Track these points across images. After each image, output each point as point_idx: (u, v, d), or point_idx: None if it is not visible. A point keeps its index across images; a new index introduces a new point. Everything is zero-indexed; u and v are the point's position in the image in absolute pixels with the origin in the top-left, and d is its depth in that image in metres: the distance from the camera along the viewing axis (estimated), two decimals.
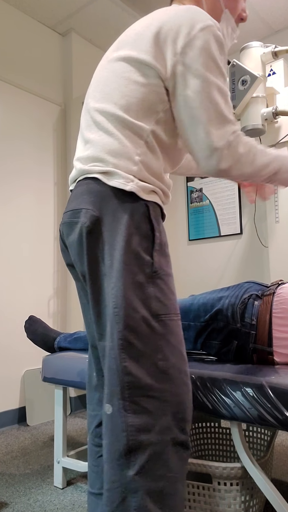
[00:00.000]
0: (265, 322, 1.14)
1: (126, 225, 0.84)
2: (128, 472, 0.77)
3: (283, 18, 2.73)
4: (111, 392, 0.81)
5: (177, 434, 0.82)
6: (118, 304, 0.81)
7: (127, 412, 0.79)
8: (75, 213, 0.90)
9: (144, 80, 0.88)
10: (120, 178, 0.86)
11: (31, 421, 2.35)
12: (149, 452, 0.78)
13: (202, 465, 1.08)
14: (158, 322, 0.83)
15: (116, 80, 0.91)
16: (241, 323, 1.16)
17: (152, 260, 0.85)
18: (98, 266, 0.86)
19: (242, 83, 2.07)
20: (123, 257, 0.82)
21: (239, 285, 1.28)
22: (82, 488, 1.52)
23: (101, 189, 0.88)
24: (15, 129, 2.53)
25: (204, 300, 1.26)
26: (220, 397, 1.01)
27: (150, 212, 0.87)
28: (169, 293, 0.87)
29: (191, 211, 3.16)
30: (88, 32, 2.86)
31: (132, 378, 0.79)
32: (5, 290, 2.38)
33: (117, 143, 0.88)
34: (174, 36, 0.86)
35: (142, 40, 0.88)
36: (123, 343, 0.80)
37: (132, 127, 0.88)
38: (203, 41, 0.84)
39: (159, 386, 0.81)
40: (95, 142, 0.91)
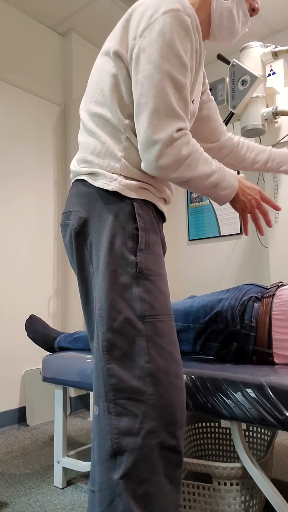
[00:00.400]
0: (264, 324, 1.14)
1: (111, 225, 0.83)
2: (114, 475, 0.76)
3: (283, 18, 2.73)
4: (97, 393, 0.80)
5: (166, 438, 0.79)
6: (102, 306, 0.81)
7: (111, 414, 0.78)
8: (67, 215, 0.92)
9: (115, 70, 0.85)
10: (104, 178, 0.86)
11: (31, 421, 2.35)
12: (134, 456, 0.76)
13: (202, 465, 1.08)
14: (144, 324, 0.81)
15: (95, 77, 0.91)
16: (241, 325, 1.16)
17: (136, 260, 0.83)
18: (87, 268, 0.87)
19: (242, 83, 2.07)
20: (106, 258, 0.82)
21: (239, 287, 1.28)
22: (82, 488, 1.52)
23: (88, 190, 0.88)
24: (15, 129, 2.53)
25: (204, 302, 1.26)
26: (220, 397, 1.01)
27: (136, 211, 0.85)
28: (158, 293, 0.84)
29: (191, 211, 3.16)
30: (88, 32, 2.86)
31: (116, 380, 0.78)
32: (5, 290, 2.38)
33: (99, 143, 0.88)
34: (138, 20, 0.82)
35: (116, 30, 0.88)
36: (107, 344, 0.79)
37: (111, 123, 0.87)
38: (162, 25, 0.78)
39: (145, 389, 0.79)
40: (82, 144, 0.92)
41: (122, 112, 0.86)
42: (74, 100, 2.79)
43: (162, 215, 0.96)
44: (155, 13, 0.79)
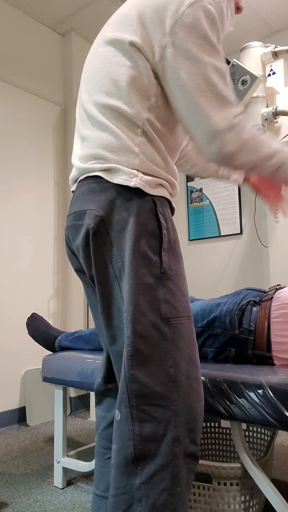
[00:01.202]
0: (263, 327, 1.13)
1: (133, 223, 0.79)
2: (135, 480, 0.74)
3: (283, 18, 2.73)
4: (120, 398, 0.78)
5: (188, 446, 0.78)
6: (127, 308, 0.77)
7: (134, 420, 0.76)
8: (78, 215, 0.85)
9: (132, 63, 0.81)
10: (124, 174, 0.81)
11: (31, 421, 2.35)
12: (157, 462, 0.75)
13: (202, 465, 1.08)
14: (168, 326, 0.79)
15: (104, 67, 0.85)
16: (239, 329, 1.16)
17: (160, 260, 0.80)
18: (107, 268, 0.82)
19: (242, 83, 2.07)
20: (130, 258, 0.78)
21: (238, 292, 1.27)
22: (82, 488, 1.52)
23: (104, 187, 0.83)
24: (15, 129, 2.53)
25: (202, 306, 1.26)
26: (220, 397, 1.01)
27: (158, 208, 0.82)
28: (179, 295, 0.82)
29: (191, 211, 3.16)
30: (88, 32, 2.86)
31: (139, 386, 0.76)
32: (5, 290, 2.38)
33: (113, 137, 0.82)
34: (161, 15, 0.79)
35: (127, 21, 0.82)
36: (131, 349, 0.76)
37: (127, 116, 0.82)
38: (192, 18, 0.77)
39: (169, 394, 0.77)
40: (91, 138, 0.85)
41: (142, 105, 0.82)
42: (74, 100, 2.79)
43: (173, 211, 0.93)
44: (181, 6, 0.77)
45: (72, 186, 0.96)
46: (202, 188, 3.11)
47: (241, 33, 2.87)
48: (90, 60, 0.90)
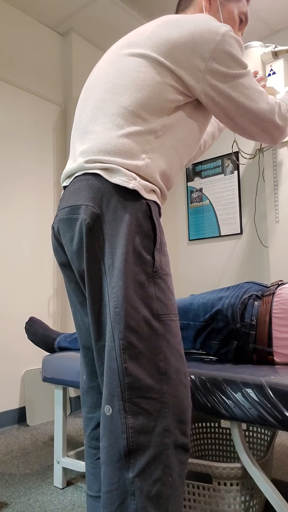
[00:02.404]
0: (265, 322, 1.14)
1: (128, 223, 0.82)
2: (128, 474, 0.76)
3: (283, 18, 2.73)
4: (111, 393, 0.79)
5: (178, 437, 0.80)
6: (119, 304, 0.80)
7: (127, 413, 0.77)
8: (73, 209, 0.87)
9: (162, 78, 0.87)
10: (123, 175, 0.84)
11: (31, 421, 2.35)
12: (149, 454, 0.76)
13: (202, 465, 1.08)
14: (158, 322, 0.82)
15: (130, 74, 0.88)
16: (241, 323, 1.16)
17: (153, 260, 0.84)
18: (98, 264, 0.84)
19: None
20: (124, 256, 0.81)
21: (239, 285, 1.28)
22: (82, 488, 1.52)
23: (102, 185, 0.85)
24: (15, 129, 2.53)
25: (204, 300, 1.26)
26: (220, 397, 1.01)
27: (152, 211, 0.85)
28: (169, 293, 0.86)
29: (191, 211, 3.16)
30: (88, 32, 2.86)
31: (132, 379, 0.78)
32: (5, 290, 2.38)
33: (125, 138, 0.85)
34: (197, 41, 0.88)
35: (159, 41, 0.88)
36: (124, 343, 0.79)
37: (145, 122, 0.86)
38: (227, 46, 0.89)
39: (159, 387, 0.79)
40: (100, 134, 0.87)
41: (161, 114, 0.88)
42: (74, 100, 2.79)
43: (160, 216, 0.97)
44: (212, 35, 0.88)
45: (64, 181, 0.96)
46: (202, 188, 3.11)
47: None
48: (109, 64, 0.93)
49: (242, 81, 0.91)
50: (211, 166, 3.06)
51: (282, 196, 2.20)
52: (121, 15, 2.70)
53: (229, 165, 2.97)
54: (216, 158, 3.03)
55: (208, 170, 3.08)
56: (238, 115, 0.93)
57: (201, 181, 3.12)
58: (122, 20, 2.74)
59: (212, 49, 0.88)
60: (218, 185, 3.02)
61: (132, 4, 2.62)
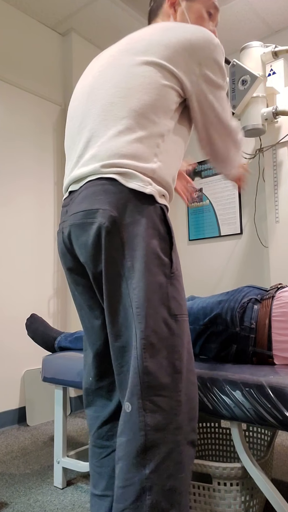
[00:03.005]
0: (264, 325, 1.14)
1: (146, 226, 0.85)
2: (144, 470, 0.78)
3: (283, 18, 2.73)
4: (131, 391, 0.82)
5: (188, 433, 0.83)
6: (140, 304, 0.82)
7: (146, 411, 0.80)
8: (89, 213, 0.87)
9: (166, 81, 0.90)
10: (140, 181, 0.86)
11: (31, 421, 2.35)
12: (163, 451, 0.79)
13: (202, 465, 1.08)
14: (175, 322, 0.85)
15: (137, 78, 0.90)
16: (240, 327, 1.16)
17: (170, 262, 0.87)
18: (116, 267, 0.85)
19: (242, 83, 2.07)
20: (145, 258, 0.83)
21: (239, 289, 1.28)
22: (82, 488, 1.52)
23: (118, 189, 0.86)
24: (15, 129, 2.53)
25: (204, 304, 1.26)
26: (220, 397, 1.01)
27: (166, 215, 0.89)
28: (182, 293, 0.89)
29: (191, 211, 3.16)
30: (88, 32, 2.86)
31: (151, 378, 0.81)
32: (5, 290, 2.38)
33: (138, 142, 0.87)
34: (192, 50, 0.92)
35: (159, 47, 0.91)
36: (145, 343, 0.81)
37: (154, 125, 0.88)
38: (218, 56, 0.95)
39: (174, 385, 0.82)
40: (113, 138, 0.88)
41: (166, 117, 0.91)
42: None
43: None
44: (208, 45, 0.94)
45: (70, 185, 0.95)
46: (202, 188, 3.11)
47: (241, 33, 2.87)
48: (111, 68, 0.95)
49: (222, 93, 0.98)
50: (211, 166, 3.06)
51: (282, 196, 2.20)
52: (121, 15, 2.70)
53: None
54: None
55: (208, 170, 3.08)
56: (212, 124, 0.98)
57: (201, 181, 3.12)
58: (122, 20, 2.74)
59: (206, 57, 0.93)
60: (218, 185, 3.02)
61: (132, 4, 2.62)
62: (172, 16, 1.07)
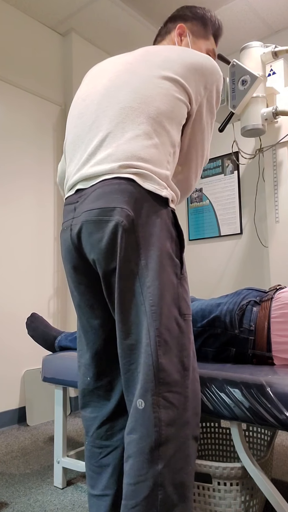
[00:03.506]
0: (263, 327, 1.13)
1: (160, 228, 0.88)
2: (158, 466, 0.80)
3: (283, 18, 2.73)
4: (145, 387, 0.83)
5: (194, 428, 0.86)
6: (156, 302, 0.85)
7: (160, 407, 0.82)
8: (105, 211, 0.88)
9: (179, 95, 0.96)
10: (156, 183, 0.90)
11: (31, 421, 2.35)
12: (174, 445, 0.82)
13: (202, 465, 1.08)
14: (184, 321, 0.89)
15: (154, 88, 0.94)
16: (239, 329, 1.16)
17: (181, 264, 0.91)
18: (130, 265, 0.87)
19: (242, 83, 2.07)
20: (159, 257, 0.86)
21: (238, 292, 1.27)
22: (82, 488, 1.52)
23: (135, 190, 0.88)
24: (15, 129, 2.53)
25: (203, 306, 1.26)
26: (220, 397, 1.01)
27: (176, 219, 0.93)
28: (189, 294, 0.94)
29: (191, 211, 3.16)
30: (88, 32, 2.86)
31: (165, 374, 0.83)
32: (5, 290, 2.38)
33: (154, 147, 0.91)
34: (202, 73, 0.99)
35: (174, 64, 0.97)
36: (160, 340, 0.84)
37: (168, 134, 0.94)
38: (220, 86, 1.03)
39: (184, 382, 0.85)
40: (132, 141, 0.90)
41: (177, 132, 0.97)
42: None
43: None
44: (215, 73, 1.01)
45: (80, 183, 0.95)
46: (202, 188, 3.11)
47: (241, 33, 2.87)
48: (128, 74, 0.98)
49: (213, 122, 1.06)
50: (211, 166, 3.06)
51: (282, 196, 2.20)
52: (121, 15, 2.70)
53: (229, 165, 2.97)
54: (216, 158, 3.04)
55: (208, 170, 3.08)
56: (195, 147, 1.05)
57: (201, 181, 3.12)
58: (122, 20, 2.74)
59: (212, 83, 1.01)
60: (218, 185, 3.02)
61: (132, 4, 2.62)
62: (177, 43, 1.15)
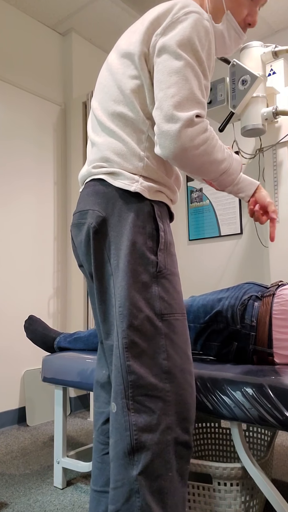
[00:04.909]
0: (265, 323, 1.13)
1: (131, 225, 0.85)
2: (132, 471, 0.77)
3: (283, 18, 2.73)
4: (115, 390, 0.81)
5: (180, 434, 0.82)
6: (122, 303, 0.82)
7: (130, 411, 0.79)
8: (82, 214, 0.91)
9: (137, 72, 0.88)
10: (125, 178, 0.87)
11: (31, 421, 2.35)
12: (152, 452, 0.78)
13: (202, 465, 1.08)
14: (162, 322, 0.83)
15: (112, 78, 0.92)
16: (241, 324, 1.16)
17: (157, 260, 0.85)
18: (105, 266, 0.87)
19: (242, 83, 2.07)
20: (127, 257, 0.83)
21: (239, 286, 1.27)
22: (82, 489, 1.52)
23: (107, 190, 0.88)
24: (15, 129, 2.52)
25: (204, 302, 1.26)
26: (220, 397, 1.01)
27: (155, 212, 0.87)
28: (174, 293, 0.87)
29: (191, 211, 3.16)
30: (88, 32, 2.86)
31: (135, 377, 0.80)
32: (5, 290, 2.38)
33: (120, 142, 0.88)
34: (160, 20, 0.87)
35: (135, 33, 0.90)
36: (127, 341, 0.81)
37: (132, 122, 0.88)
38: (185, 23, 0.84)
39: (163, 385, 0.81)
40: (100, 144, 0.92)
41: (144, 112, 0.88)
42: (74, 100, 2.79)
43: (171, 216, 0.99)
44: (178, 12, 0.85)
45: (80, 187, 1.01)
46: (202, 188, 3.10)
47: None
48: (103, 72, 0.97)
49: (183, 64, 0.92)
50: None
51: (282, 196, 2.20)
52: (121, 15, 2.70)
53: None
54: None
55: None
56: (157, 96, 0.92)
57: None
58: (122, 20, 2.74)
59: (168, 24, 0.89)
60: None
61: (132, 4, 2.62)
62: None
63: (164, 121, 0.81)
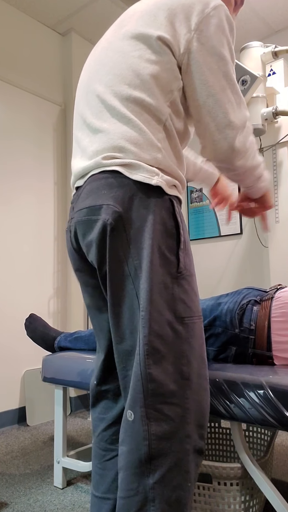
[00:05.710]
0: (264, 326, 1.13)
1: (152, 222, 0.78)
2: (148, 480, 0.74)
3: (283, 18, 2.73)
4: (134, 398, 0.77)
5: (197, 441, 0.79)
6: (144, 307, 0.76)
7: (150, 420, 0.75)
8: (93, 210, 0.82)
9: (156, 57, 0.82)
10: (145, 171, 0.79)
11: (31, 421, 2.35)
12: (170, 460, 0.75)
13: (202, 465, 1.08)
14: (182, 325, 0.79)
15: (125, 60, 0.84)
16: (240, 328, 1.16)
17: (177, 260, 0.80)
18: (121, 266, 0.80)
19: (242, 83, 2.07)
20: (150, 257, 0.77)
21: (238, 291, 1.27)
22: (82, 488, 1.52)
23: (123, 183, 0.80)
24: (15, 129, 2.53)
25: (203, 306, 1.25)
26: (220, 397, 1.01)
27: (175, 208, 0.82)
28: (193, 295, 0.82)
29: (191, 211, 3.16)
30: (88, 32, 2.86)
31: (156, 385, 0.75)
32: (5, 290, 2.38)
33: (136, 130, 0.80)
34: (187, 13, 0.82)
35: (151, 17, 0.83)
36: (149, 348, 0.76)
37: (151, 110, 0.81)
38: (217, 19, 0.82)
39: (182, 393, 0.77)
40: (111, 131, 0.82)
41: (165, 99, 0.82)
42: (74, 100, 2.79)
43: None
44: (206, 7, 0.83)
45: (76, 182, 0.91)
46: (202, 188, 3.11)
47: (241, 33, 2.87)
48: (104, 52, 0.89)
49: (228, 72, 0.92)
50: None
51: (282, 196, 2.20)
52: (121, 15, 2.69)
53: None
54: None
55: None
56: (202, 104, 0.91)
57: None
58: None
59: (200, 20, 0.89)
60: None
61: (132, 4, 2.62)
62: None
63: (219, 128, 0.83)
